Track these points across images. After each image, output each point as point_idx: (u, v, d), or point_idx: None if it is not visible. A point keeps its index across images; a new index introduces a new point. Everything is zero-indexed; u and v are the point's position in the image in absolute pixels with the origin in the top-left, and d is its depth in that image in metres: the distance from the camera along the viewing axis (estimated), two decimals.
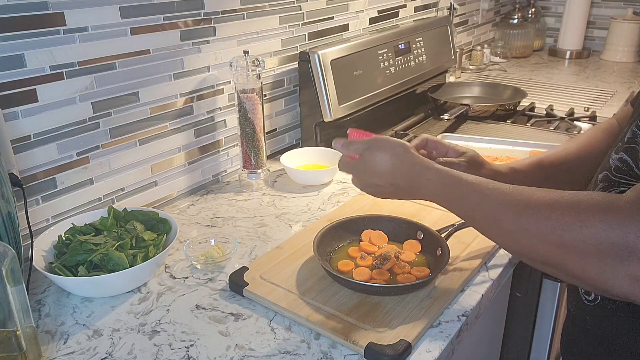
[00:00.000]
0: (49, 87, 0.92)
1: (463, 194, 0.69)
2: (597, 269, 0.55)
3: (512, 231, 0.62)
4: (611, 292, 0.56)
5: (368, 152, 0.78)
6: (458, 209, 0.71)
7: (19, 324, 0.67)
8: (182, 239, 1.02)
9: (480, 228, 0.69)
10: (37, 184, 0.94)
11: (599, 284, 0.56)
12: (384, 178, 0.77)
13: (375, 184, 0.78)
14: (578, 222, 0.56)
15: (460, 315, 0.80)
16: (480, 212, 0.67)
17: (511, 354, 1.21)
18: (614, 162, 0.70)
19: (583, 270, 0.56)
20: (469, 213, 0.69)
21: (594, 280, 0.56)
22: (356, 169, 0.80)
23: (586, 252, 0.55)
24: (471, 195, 0.68)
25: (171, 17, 1.07)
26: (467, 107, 1.62)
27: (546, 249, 0.59)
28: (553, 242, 0.58)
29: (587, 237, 0.55)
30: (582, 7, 2.38)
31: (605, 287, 0.56)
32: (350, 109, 1.39)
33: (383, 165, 0.76)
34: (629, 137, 0.69)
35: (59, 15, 0.90)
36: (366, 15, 1.62)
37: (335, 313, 0.78)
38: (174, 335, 0.77)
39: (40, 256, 0.87)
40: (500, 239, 0.66)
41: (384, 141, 0.78)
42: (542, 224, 0.59)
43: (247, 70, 1.13)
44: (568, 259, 0.57)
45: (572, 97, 1.88)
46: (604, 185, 0.71)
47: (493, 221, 0.65)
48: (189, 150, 1.19)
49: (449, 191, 0.71)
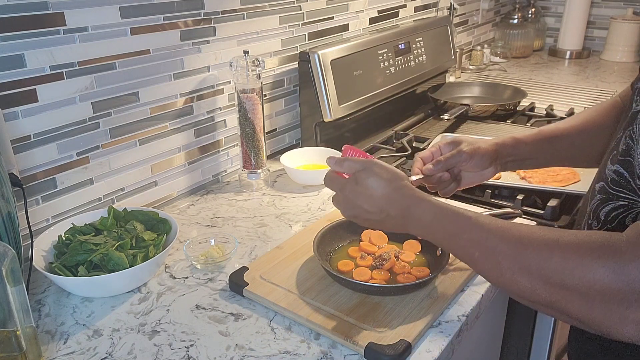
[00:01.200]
0: (49, 87, 0.92)
1: (461, 228, 0.65)
2: (603, 314, 0.53)
3: (513, 271, 0.58)
4: (619, 337, 0.53)
5: (363, 173, 0.72)
6: (454, 244, 0.66)
7: (19, 324, 0.67)
8: (182, 239, 1.02)
9: (478, 266, 0.64)
10: (37, 184, 0.94)
11: (606, 329, 0.54)
12: (375, 203, 0.71)
13: (362, 208, 0.72)
14: (580, 266, 0.54)
15: (460, 315, 0.80)
16: (479, 249, 0.62)
17: (511, 354, 1.21)
18: (610, 174, 0.69)
19: (588, 315, 0.54)
20: (467, 249, 0.64)
21: (600, 326, 0.54)
22: (345, 188, 0.74)
23: (590, 297, 0.53)
24: (470, 231, 0.64)
25: (171, 17, 1.07)
26: (467, 107, 1.62)
27: (548, 292, 0.56)
28: (555, 285, 0.55)
29: (590, 282, 0.53)
30: (582, 7, 2.38)
31: (612, 332, 0.53)
32: (350, 109, 1.39)
33: (377, 189, 0.71)
34: (623, 148, 0.68)
35: (59, 15, 0.90)
36: (366, 15, 1.62)
37: (335, 313, 0.78)
38: (174, 335, 0.77)
39: (40, 256, 0.87)
40: (501, 278, 0.61)
41: (381, 166, 0.73)
42: (543, 266, 0.56)
43: (247, 70, 1.13)
44: (571, 303, 0.55)
45: (572, 97, 1.88)
46: (601, 197, 0.70)
47: (493, 260, 0.61)
48: (189, 150, 1.19)
49: (445, 225, 0.67)
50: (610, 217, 0.69)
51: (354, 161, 0.75)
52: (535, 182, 1.18)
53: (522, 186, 1.16)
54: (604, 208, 0.69)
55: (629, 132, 0.68)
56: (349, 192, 0.73)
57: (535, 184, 1.17)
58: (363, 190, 0.72)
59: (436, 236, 0.69)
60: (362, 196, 0.72)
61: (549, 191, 1.13)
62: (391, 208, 0.71)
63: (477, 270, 0.65)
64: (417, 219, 0.69)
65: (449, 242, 0.67)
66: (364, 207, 0.72)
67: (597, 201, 0.71)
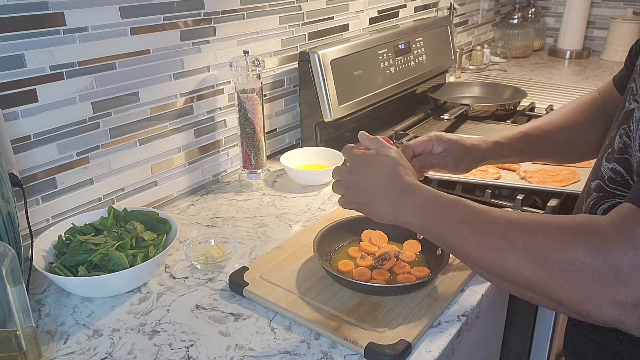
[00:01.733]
0: (49, 87, 0.92)
1: (454, 209, 0.67)
2: (583, 293, 0.54)
3: (500, 247, 0.60)
4: (597, 318, 0.54)
5: (385, 150, 0.77)
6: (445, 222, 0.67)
7: (19, 324, 0.67)
8: (182, 239, 1.02)
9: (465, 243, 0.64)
10: (37, 184, 0.94)
11: (585, 309, 0.54)
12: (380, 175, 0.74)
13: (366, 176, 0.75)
14: (564, 242, 0.55)
15: (460, 315, 0.80)
16: (469, 227, 0.64)
17: (511, 354, 1.21)
18: (607, 172, 0.69)
19: (568, 294, 0.55)
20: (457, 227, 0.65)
21: (580, 306, 0.55)
22: (361, 155, 0.78)
23: (571, 275, 0.54)
24: (462, 211, 0.66)
25: (171, 17, 1.07)
26: (467, 107, 1.62)
27: (531, 269, 0.57)
28: (539, 262, 0.56)
29: (572, 258, 0.54)
30: (582, 7, 2.38)
31: (591, 313, 0.54)
32: (350, 109, 1.39)
33: (388, 166, 0.75)
34: (620, 146, 0.68)
35: (59, 15, 0.90)
36: (366, 15, 1.62)
37: (335, 313, 0.78)
38: (174, 335, 0.77)
39: (40, 256, 0.87)
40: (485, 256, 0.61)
41: (402, 156, 0.78)
42: (528, 241, 0.57)
43: (247, 70, 1.13)
44: (553, 282, 0.55)
45: (572, 97, 1.88)
46: (598, 195, 0.70)
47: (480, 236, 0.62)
48: (189, 150, 1.19)
49: (440, 205, 0.69)
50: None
51: (382, 142, 0.80)
52: (535, 182, 1.18)
53: (522, 186, 1.16)
54: (601, 206, 0.70)
55: (624, 130, 0.68)
56: (362, 159, 0.77)
57: (535, 184, 1.17)
58: (376, 161, 0.75)
59: (427, 216, 0.69)
60: (371, 166, 0.75)
61: (549, 191, 1.13)
62: (391, 184, 0.73)
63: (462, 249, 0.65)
64: (412, 200, 0.71)
65: (441, 220, 0.68)
66: (367, 176, 0.75)
67: (594, 199, 0.71)
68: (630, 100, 0.70)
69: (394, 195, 0.72)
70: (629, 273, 0.51)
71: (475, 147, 0.93)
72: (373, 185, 0.74)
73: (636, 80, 0.70)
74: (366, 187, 0.75)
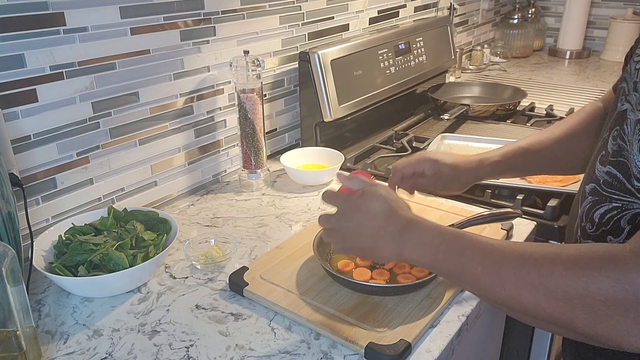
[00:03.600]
0: (49, 87, 0.92)
1: (464, 246, 0.64)
2: (608, 327, 0.52)
3: (516, 286, 0.57)
4: (628, 349, 0.52)
5: (372, 188, 0.73)
6: (456, 261, 0.64)
7: (19, 324, 0.67)
8: (182, 239, 1.02)
9: (480, 282, 0.62)
10: (37, 184, 0.94)
11: (612, 341, 0.53)
12: (375, 217, 0.70)
13: (361, 223, 0.71)
14: (583, 277, 0.52)
15: (460, 315, 0.80)
16: (482, 264, 0.61)
17: (511, 354, 1.21)
18: (602, 176, 0.69)
19: (593, 329, 0.53)
20: (469, 265, 0.62)
21: (607, 339, 0.53)
22: (349, 200, 0.73)
23: (594, 310, 0.52)
24: (473, 247, 0.63)
25: (171, 17, 1.07)
26: (467, 107, 1.62)
27: (552, 306, 0.55)
28: (559, 299, 0.54)
29: (594, 293, 0.52)
30: (582, 7, 2.38)
31: (619, 345, 0.52)
32: (350, 109, 1.39)
33: (380, 205, 0.71)
34: (614, 150, 0.67)
35: (59, 15, 0.90)
36: (366, 15, 1.62)
37: (335, 313, 0.78)
38: (174, 335, 0.77)
39: (40, 256, 0.87)
40: (503, 294, 0.59)
41: (388, 190, 0.75)
42: (546, 279, 0.55)
43: (247, 70, 1.13)
44: (576, 317, 0.53)
45: (572, 97, 1.88)
46: (593, 199, 0.70)
47: (495, 274, 0.59)
48: (189, 150, 1.19)
49: (447, 242, 0.65)
50: (604, 219, 0.68)
51: (363, 180, 0.76)
52: (535, 182, 1.18)
53: (522, 186, 1.16)
54: (597, 210, 0.69)
55: (618, 132, 0.67)
56: (351, 203, 0.73)
57: (535, 184, 1.17)
58: (367, 202, 0.71)
59: (436, 255, 0.66)
60: (363, 209, 0.71)
61: (549, 191, 1.13)
62: (390, 224, 0.69)
63: (478, 287, 0.63)
64: (417, 237, 0.68)
65: (450, 259, 0.65)
66: (362, 220, 0.71)
67: (589, 203, 0.71)
68: (623, 100, 0.70)
69: (395, 234, 0.69)
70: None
71: (469, 170, 0.92)
72: (371, 229, 0.70)
73: (627, 81, 0.70)
74: (363, 232, 0.71)
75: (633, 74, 0.68)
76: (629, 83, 0.69)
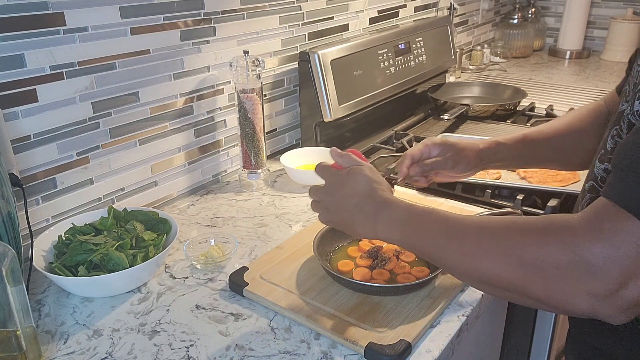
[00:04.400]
0: (49, 87, 0.92)
1: (429, 220, 0.68)
2: (559, 288, 0.55)
3: (475, 253, 0.61)
4: (574, 312, 0.56)
5: (358, 168, 0.77)
6: (422, 235, 0.69)
7: (19, 324, 0.67)
8: (182, 239, 1.02)
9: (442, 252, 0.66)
10: (37, 184, 0.94)
11: (562, 304, 0.56)
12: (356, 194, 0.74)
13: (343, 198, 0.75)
14: (536, 241, 0.56)
15: (460, 315, 0.80)
16: (444, 236, 0.66)
17: (511, 354, 1.21)
18: (600, 173, 0.69)
19: (546, 291, 0.56)
20: (433, 237, 0.67)
21: (557, 302, 0.56)
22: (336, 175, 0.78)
23: (546, 272, 0.55)
24: (436, 220, 0.68)
25: (171, 17, 1.07)
26: (467, 107, 1.62)
27: (507, 271, 0.58)
28: (513, 263, 0.58)
29: (545, 255, 0.55)
30: (582, 7, 2.38)
31: (568, 307, 0.56)
32: (350, 109, 1.39)
33: (362, 184, 0.75)
34: (612, 147, 0.68)
35: (59, 15, 0.90)
36: (366, 15, 1.62)
37: (335, 313, 0.78)
38: (174, 335, 0.78)
39: (40, 256, 0.87)
40: (464, 262, 0.63)
41: (374, 171, 0.78)
42: (501, 244, 0.59)
43: (247, 70, 1.13)
44: (529, 281, 0.57)
45: (572, 97, 1.88)
46: (591, 195, 0.71)
47: (456, 244, 0.64)
48: (189, 150, 1.19)
49: (416, 218, 0.70)
50: None
51: (354, 158, 0.79)
52: (535, 182, 1.18)
53: (522, 186, 1.16)
54: None
55: (617, 131, 0.68)
56: (336, 179, 0.77)
57: (535, 184, 1.17)
58: (350, 180, 0.75)
59: (404, 230, 0.70)
60: (346, 186, 0.75)
61: (549, 191, 1.13)
62: (367, 202, 0.73)
63: (441, 258, 0.67)
64: (389, 215, 0.71)
65: (417, 233, 0.69)
66: (343, 196, 0.75)
67: (587, 200, 0.71)
68: (623, 101, 0.71)
69: (371, 212, 0.73)
70: (600, 265, 0.52)
71: (470, 145, 0.94)
72: (350, 205, 0.74)
73: (629, 83, 0.71)
74: (343, 207, 0.75)
75: (635, 76, 0.69)
76: (630, 84, 0.70)
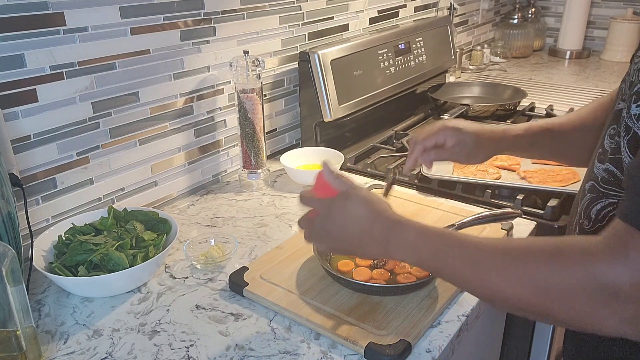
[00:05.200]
0: (49, 87, 0.92)
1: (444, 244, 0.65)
2: (585, 314, 0.54)
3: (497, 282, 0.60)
4: (602, 333, 0.55)
5: (354, 191, 0.72)
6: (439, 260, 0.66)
7: (19, 324, 0.67)
8: (182, 239, 1.02)
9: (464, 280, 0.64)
10: (37, 184, 0.94)
11: (591, 327, 0.55)
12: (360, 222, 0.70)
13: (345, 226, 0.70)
14: (558, 267, 0.55)
15: (460, 315, 0.80)
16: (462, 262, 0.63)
17: (511, 354, 1.21)
18: (600, 173, 0.69)
19: (572, 316, 0.56)
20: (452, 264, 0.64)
21: (585, 325, 0.55)
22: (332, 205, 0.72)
23: (571, 298, 0.55)
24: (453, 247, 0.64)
25: (171, 17, 1.07)
26: (467, 107, 1.62)
27: (531, 296, 0.57)
28: (536, 289, 0.57)
29: (570, 282, 0.54)
30: (582, 7, 2.38)
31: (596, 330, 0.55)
32: (350, 109, 1.39)
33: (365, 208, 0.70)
34: (612, 147, 0.68)
35: (59, 15, 0.90)
36: (366, 15, 1.62)
37: (335, 313, 0.78)
38: (174, 335, 0.77)
39: (40, 256, 0.87)
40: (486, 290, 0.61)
41: (368, 191, 0.73)
42: (523, 271, 0.58)
43: (247, 70, 1.13)
44: (554, 307, 0.56)
45: (572, 97, 1.88)
46: (591, 195, 0.70)
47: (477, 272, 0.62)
48: (189, 150, 1.19)
49: (431, 242, 0.66)
50: (600, 215, 0.69)
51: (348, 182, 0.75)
52: (535, 182, 1.18)
53: (522, 186, 1.16)
54: (594, 207, 0.70)
55: (614, 130, 0.68)
56: (333, 207, 0.72)
57: (535, 184, 1.17)
58: (350, 206, 0.70)
59: (421, 255, 0.67)
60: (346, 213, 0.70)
61: (549, 191, 1.13)
62: (374, 227, 0.69)
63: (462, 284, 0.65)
64: (400, 239, 0.68)
65: (434, 260, 0.66)
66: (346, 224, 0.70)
67: (587, 200, 0.71)
68: (619, 99, 0.70)
69: (381, 235, 0.69)
70: (625, 291, 0.52)
71: (492, 139, 0.91)
72: (355, 232, 0.70)
73: (626, 81, 0.71)
74: (347, 234, 0.71)
75: (632, 74, 0.69)
76: (626, 82, 0.70)
